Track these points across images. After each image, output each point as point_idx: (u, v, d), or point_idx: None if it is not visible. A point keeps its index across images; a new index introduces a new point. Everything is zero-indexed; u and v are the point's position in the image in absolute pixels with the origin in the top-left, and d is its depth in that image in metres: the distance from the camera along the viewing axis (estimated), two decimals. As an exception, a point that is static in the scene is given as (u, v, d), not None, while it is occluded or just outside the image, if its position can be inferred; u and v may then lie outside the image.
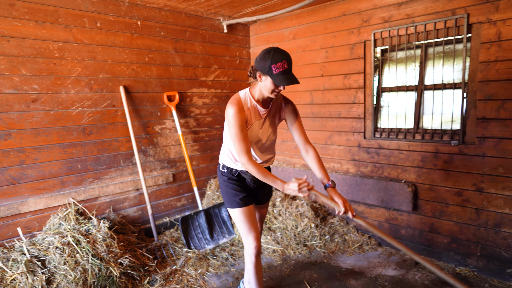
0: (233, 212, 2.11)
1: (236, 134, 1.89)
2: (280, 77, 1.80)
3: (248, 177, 2.15)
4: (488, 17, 2.54)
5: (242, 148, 1.89)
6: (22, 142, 2.71)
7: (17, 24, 2.62)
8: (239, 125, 1.88)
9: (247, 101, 1.98)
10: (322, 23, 3.57)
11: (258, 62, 1.85)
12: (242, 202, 2.09)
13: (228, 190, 2.12)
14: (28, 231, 2.77)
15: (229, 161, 2.13)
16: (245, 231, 2.10)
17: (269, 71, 1.80)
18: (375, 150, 3.32)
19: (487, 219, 2.70)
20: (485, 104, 2.62)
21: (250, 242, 2.09)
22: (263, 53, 1.84)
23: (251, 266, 2.14)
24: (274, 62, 1.78)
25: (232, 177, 2.14)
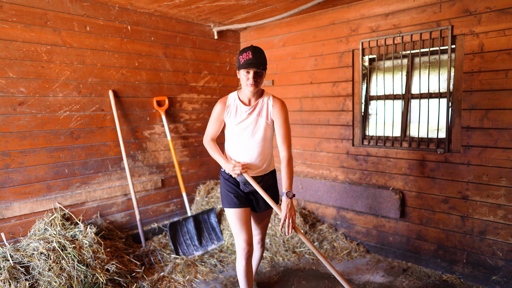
0: (228, 212, 2.20)
1: (209, 122, 2.26)
2: (246, 63, 1.99)
3: (240, 179, 2.20)
4: (471, 29, 2.62)
5: (208, 132, 2.27)
6: (7, 145, 2.66)
7: (5, 26, 2.60)
8: (214, 116, 2.22)
9: (232, 99, 2.19)
10: (312, 31, 3.62)
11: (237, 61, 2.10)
12: (237, 203, 2.17)
13: (225, 190, 2.24)
14: (12, 236, 2.71)
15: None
16: (236, 232, 2.18)
17: (240, 65, 2.03)
18: (363, 158, 3.36)
19: (472, 226, 2.75)
20: (470, 113, 2.69)
21: (240, 244, 2.16)
22: (239, 51, 2.09)
23: (241, 267, 2.19)
24: (241, 54, 2.03)
25: (229, 177, 2.24)
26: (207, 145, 2.28)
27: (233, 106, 2.16)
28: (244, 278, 2.21)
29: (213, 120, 2.23)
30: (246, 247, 2.13)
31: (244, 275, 2.20)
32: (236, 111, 2.15)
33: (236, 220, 2.15)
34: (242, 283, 2.24)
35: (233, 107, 2.16)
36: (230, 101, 2.18)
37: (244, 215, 2.16)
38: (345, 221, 3.53)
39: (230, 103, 2.17)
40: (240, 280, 2.23)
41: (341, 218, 3.56)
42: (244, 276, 2.20)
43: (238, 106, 2.15)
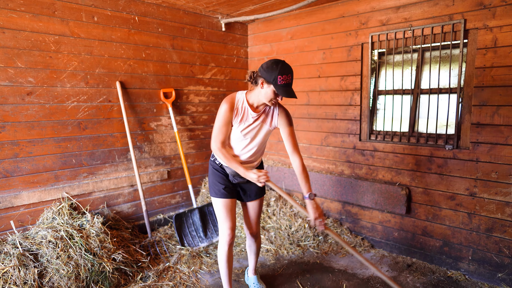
0: (214, 201, 2.24)
1: (218, 127, 2.08)
2: (283, 88, 1.92)
3: (229, 171, 2.21)
4: (484, 23, 2.56)
5: (218, 138, 2.08)
6: (16, 135, 2.69)
7: (13, 16, 2.60)
8: (224, 120, 2.06)
9: (240, 102, 2.09)
10: (320, 24, 3.57)
11: (264, 70, 1.95)
12: (224, 193, 2.20)
13: (214, 179, 2.25)
14: (21, 224, 2.75)
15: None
16: (221, 219, 2.22)
17: (273, 81, 1.91)
18: (370, 153, 3.34)
19: (479, 223, 2.73)
20: (480, 109, 2.65)
21: (224, 230, 2.21)
22: (271, 63, 1.95)
23: (223, 253, 2.24)
24: (281, 74, 1.90)
25: (219, 168, 2.24)
26: (219, 152, 2.07)
27: (241, 110, 2.09)
28: (225, 264, 2.26)
29: (222, 125, 2.07)
30: (230, 234, 2.21)
31: (225, 262, 2.26)
32: (243, 115, 2.09)
33: (222, 209, 2.21)
34: (223, 270, 2.29)
35: (241, 111, 2.09)
36: (238, 103, 2.08)
37: (230, 205, 2.22)
38: (350, 215, 3.53)
39: (238, 106, 2.08)
40: (221, 266, 2.28)
41: (346, 212, 3.56)
42: (226, 262, 2.26)
43: (246, 110, 2.09)
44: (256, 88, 2.04)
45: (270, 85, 1.95)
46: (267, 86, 1.97)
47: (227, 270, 2.29)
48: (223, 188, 2.21)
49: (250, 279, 2.67)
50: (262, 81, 1.97)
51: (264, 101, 2.03)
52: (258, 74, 2.00)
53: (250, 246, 2.55)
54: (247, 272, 2.73)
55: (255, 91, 2.07)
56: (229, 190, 2.23)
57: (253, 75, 2.05)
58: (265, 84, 1.97)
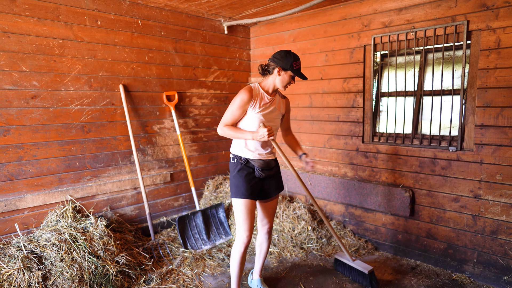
0: (235, 202, 2.26)
1: (231, 110, 2.21)
2: (299, 71, 2.22)
3: (256, 164, 2.27)
4: (488, 24, 2.55)
5: (227, 121, 2.23)
6: (20, 138, 2.71)
7: (18, 20, 2.63)
8: (239, 106, 2.19)
9: (257, 90, 2.26)
10: (322, 26, 3.58)
11: (279, 59, 2.19)
12: (246, 194, 2.24)
13: (236, 180, 2.28)
14: (26, 227, 2.77)
15: (239, 151, 2.30)
16: (241, 221, 2.25)
17: (290, 67, 2.17)
18: (373, 155, 3.33)
19: (484, 226, 2.71)
20: (484, 111, 2.63)
21: (243, 232, 2.25)
22: (284, 53, 2.20)
23: (238, 254, 2.28)
24: (295, 60, 2.19)
25: (241, 166, 2.28)
26: (224, 129, 2.23)
27: (259, 96, 2.24)
28: (238, 265, 2.31)
29: (235, 108, 2.20)
30: (249, 236, 2.25)
31: (239, 262, 2.31)
32: (261, 99, 2.25)
33: (244, 210, 2.24)
34: (235, 270, 2.33)
35: (259, 97, 2.24)
36: (255, 91, 2.24)
37: (251, 206, 2.26)
38: (354, 218, 3.51)
39: (257, 93, 2.24)
40: (234, 266, 2.32)
41: (350, 215, 3.54)
42: (239, 263, 2.31)
43: (263, 95, 2.26)
44: (269, 77, 2.26)
45: (287, 71, 2.20)
46: (284, 73, 2.20)
47: (238, 271, 2.33)
48: (246, 189, 2.25)
49: (253, 281, 2.67)
50: (279, 69, 2.19)
51: (280, 86, 2.25)
52: (272, 64, 2.22)
53: (262, 244, 2.56)
54: (251, 274, 2.72)
55: (268, 80, 2.27)
56: (251, 191, 2.26)
57: (265, 67, 2.25)
58: (282, 72, 2.20)
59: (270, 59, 2.24)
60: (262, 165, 2.29)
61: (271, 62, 2.23)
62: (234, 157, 2.32)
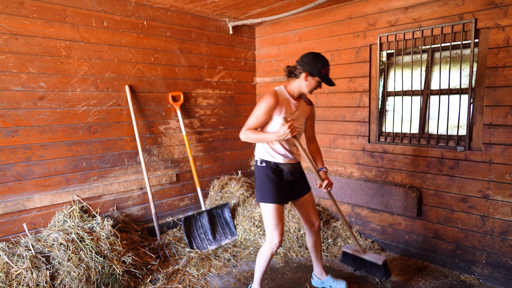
0: (266, 207, 2.26)
1: (257, 116, 2.18)
2: (327, 78, 2.16)
3: (285, 168, 2.29)
4: (496, 22, 2.52)
5: (252, 125, 2.20)
6: (28, 139, 2.74)
7: (26, 23, 2.65)
8: (264, 111, 2.16)
9: (283, 95, 2.23)
10: (328, 26, 3.56)
11: (307, 64, 2.13)
12: (276, 198, 2.24)
13: (266, 185, 2.27)
14: (34, 227, 2.79)
15: (267, 155, 2.29)
16: (273, 226, 2.24)
17: (318, 73, 2.12)
18: (379, 154, 3.30)
19: (493, 226, 2.67)
20: (492, 110, 2.60)
21: (275, 237, 2.24)
22: (312, 57, 2.13)
23: (268, 257, 2.29)
24: (323, 66, 2.12)
25: (270, 171, 2.28)
26: (247, 133, 2.20)
27: (285, 101, 2.22)
28: (265, 266, 2.34)
29: (261, 114, 2.17)
30: (280, 240, 2.25)
31: (266, 265, 2.33)
32: (287, 106, 2.22)
33: (275, 214, 2.23)
34: (261, 270, 2.35)
35: (285, 102, 2.22)
36: (281, 96, 2.21)
37: (282, 211, 2.27)
38: (360, 218, 3.49)
39: (282, 98, 2.21)
40: (261, 266, 2.34)
41: (356, 215, 3.52)
42: (267, 264, 2.33)
43: (289, 100, 2.24)
44: (296, 81, 2.21)
45: (314, 77, 2.14)
46: (311, 78, 2.15)
47: (264, 271, 2.37)
48: (276, 193, 2.24)
49: (326, 281, 2.65)
50: (306, 74, 2.14)
51: (306, 91, 2.21)
52: (299, 68, 2.16)
53: (315, 243, 2.57)
54: (317, 276, 2.69)
55: (294, 84, 2.23)
56: (281, 195, 2.26)
57: (292, 69, 2.20)
58: (309, 77, 2.15)
59: (297, 62, 2.17)
60: (291, 169, 2.31)
61: (298, 66, 2.17)
62: (262, 161, 2.30)
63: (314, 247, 2.58)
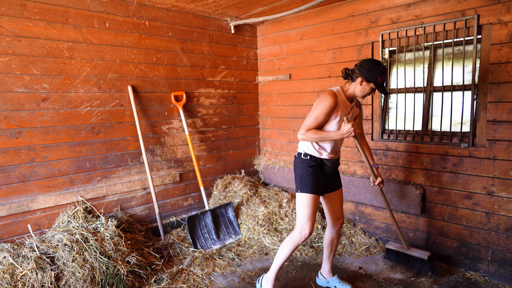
0: (303, 197, 2.29)
1: (316, 116, 2.21)
2: (383, 86, 2.19)
3: (328, 163, 2.34)
4: (499, 18, 2.51)
5: (311, 125, 2.22)
6: (32, 140, 2.75)
7: (28, 24, 2.66)
8: (325, 112, 2.20)
9: (340, 95, 2.26)
10: (330, 24, 3.56)
11: (366, 70, 2.16)
12: (316, 189, 2.29)
13: (307, 177, 2.30)
14: (38, 228, 2.80)
15: (313, 151, 2.33)
16: (307, 216, 2.27)
17: (374, 80, 2.15)
18: (382, 152, 3.29)
19: (498, 223, 2.66)
20: (496, 106, 2.59)
21: (307, 228, 2.27)
22: (372, 64, 2.17)
23: (293, 246, 2.31)
24: (381, 74, 2.15)
25: (314, 164, 2.32)
26: (307, 133, 2.21)
27: (342, 103, 2.25)
28: (288, 255, 2.35)
29: (320, 114, 2.20)
30: (311, 231, 2.28)
31: (290, 253, 2.34)
32: (344, 107, 2.26)
33: (310, 205, 2.27)
34: (282, 258, 2.36)
35: (342, 103, 2.25)
36: (339, 97, 2.24)
37: (317, 201, 2.31)
38: (364, 216, 3.48)
39: (340, 100, 2.24)
40: (284, 255, 2.35)
41: (360, 213, 3.51)
42: (289, 254, 2.34)
43: (345, 102, 2.27)
44: (352, 84, 2.25)
45: (370, 83, 2.18)
46: (367, 84, 2.19)
47: (284, 261, 2.37)
48: (316, 185, 2.29)
49: (332, 281, 2.64)
50: (362, 79, 2.18)
51: (359, 95, 2.26)
52: (357, 72, 2.19)
53: (333, 241, 2.59)
54: (321, 275, 2.70)
55: (350, 87, 2.27)
56: (319, 187, 2.32)
57: (349, 72, 2.23)
58: (364, 82, 2.18)
59: (356, 66, 2.21)
60: (333, 164, 2.37)
61: (356, 70, 2.20)
62: (306, 155, 2.35)
63: (331, 245, 2.60)
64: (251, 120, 4.43)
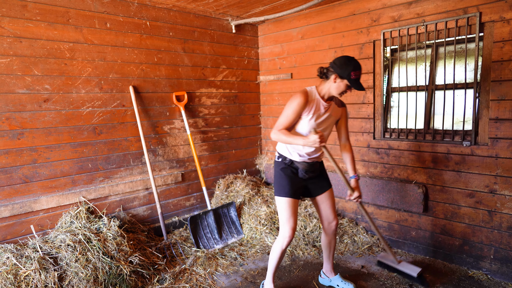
0: (279, 200, 2.29)
1: (286, 115, 2.18)
2: (356, 82, 2.12)
3: (300, 166, 2.29)
4: (501, 15, 2.50)
5: (282, 125, 2.18)
6: (34, 141, 2.75)
7: (29, 25, 2.66)
8: (295, 110, 2.16)
9: (313, 95, 2.22)
10: (331, 23, 3.55)
11: (338, 66, 2.12)
12: (290, 193, 2.26)
13: (280, 179, 2.30)
14: (41, 228, 2.81)
15: (286, 151, 2.32)
16: (285, 219, 2.27)
17: (347, 76, 2.09)
18: (384, 151, 3.29)
19: (500, 221, 2.66)
20: (498, 104, 2.58)
21: (286, 231, 2.27)
22: (344, 60, 2.12)
23: (280, 251, 2.32)
24: (354, 70, 2.08)
25: (286, 166, 2.31)
26: (278, 133, 2.17)
27: (315, 102, 2.21)
28: (278, 260, 2.36)
29: (290, 114, 2.17)
30: (292, 234, 2.27)
31: (279, 258, 2.36)
32: (316, 106, 2.21)
33: (286, 208, 2.26)
34: (274, 264, 2.38)
35: (315, 103, 2.21)
36: (311, 96, 2.21)
37: (295, 205, 2.29)
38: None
39: (312, 98, 2.21)
40: (274, 261, 2.37)
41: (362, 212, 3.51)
42: (279, 258, 2.35)
43: (319, 101, 2.23)
44: (327, 82, 2.20)
45: (343, 80, 2.12)
46: (340, 81, 2.14)
47: (276, 265, 2.39)
48: (290, 188, 2.27)
49: (334, 280, 2.65)
50: (336, 76, 2.13)
51: (335, 93, 2.19)
52: (330, 70, 2.15)
53: (330, 243, 2.57)
54: (323, 274, 2.71)
55: (325, 85, 2.22)
56: (295, 190, 2.29)
57: (324, 70, 2.20)
58: (338, 79, 2.13)
59: (330, 64, 2.17)
60: (306, 167, 2.30)
61: (330, 67, 2.17)
62: (280, 156, 2.35)
63: (328, 246, 2.58)
64: (252, 120, 4.43)
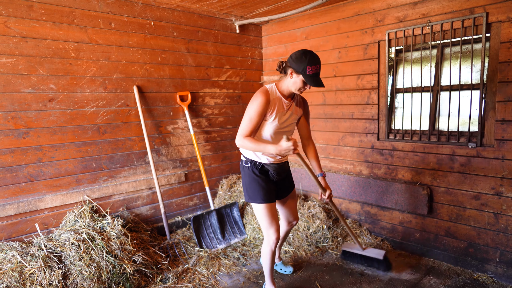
0: (256, 207, 2.26)
1: (249, 118, 2.05)
2: (312, 78, 1.98)
3: (271, 168, 2.24)
4: (508, 15, 2.47)
5: (247, 130, 2.06)
6: (39, 140, 2.77)
7: (35, 25, 2.68)
8: (258, 112, 2.04)
9: (274, 93, 2.12)
10: (335, 23, 3.53)
11: (293, 61, 2.00)
12: (266, 198, 2.23)
13: (252, 185, 2.25)
14: (45, 227, 2.83)
15: (252, 155, 2.25)
16: (267, 224, 2.26)
17: (302, 71, 1.97)
18: (388, 152, 3.27)
19: (506, 224, 2.62)
20: (505, 105, 2.55)
21: (271, 234, 2.26)
22: (300, 54, 2.00)
23: (270, 253, 2.33)
24: (309, 64, 1.96)
25: (256, 171, 2.25)
26: (245, 140, 2.04)
27: (276, 101, 2.12)
28: (270, 261, 2.38)
29: (254, 115, 2.03)
30: (278, 236, 2.27)
31: (271, 258, 2.37)
32: (278, 105, 2.12)
33: (268, 214, 2.24)
34: (268, 265, 2.40)
35: (276, 102, 2.12)
36: (272, 95, 2.10)
37: (273, 208, 2.28)
38: (370, 216, 3.46)
39: (273, 97, 2.11)
40: (267, 262, 2.39)
41: (365, 213, 3.49)
42: (271, 259, 2.37)
43: (280, 100, 2.14)
44: (285, 78, 2.10)
45: (299, 75, 2.01)
46: (296, 76, 2.03)
47: (270, 265, 2.41)
48: (265, 193, 2.23)
49: (278, 264, 2.91)
50: (292, 71, 2.03)
51: (293, 90, 2.09)
52: (287, 64, 2.05)
53: (284, 236, 2.71)
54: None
55: (284, 81, 2.12)
56: (270, 193, 2.26)
57: (282, 65, 2.09)
58: (294, 74, 2.03)
59: (288, 58, 2.07)
60: (277, 169, 2.27)
61: (287, 61, 2.06)
62: (247, 161, 2.26)
63: (282, 238, 2.70)
64: (256, 120, 4.42)
